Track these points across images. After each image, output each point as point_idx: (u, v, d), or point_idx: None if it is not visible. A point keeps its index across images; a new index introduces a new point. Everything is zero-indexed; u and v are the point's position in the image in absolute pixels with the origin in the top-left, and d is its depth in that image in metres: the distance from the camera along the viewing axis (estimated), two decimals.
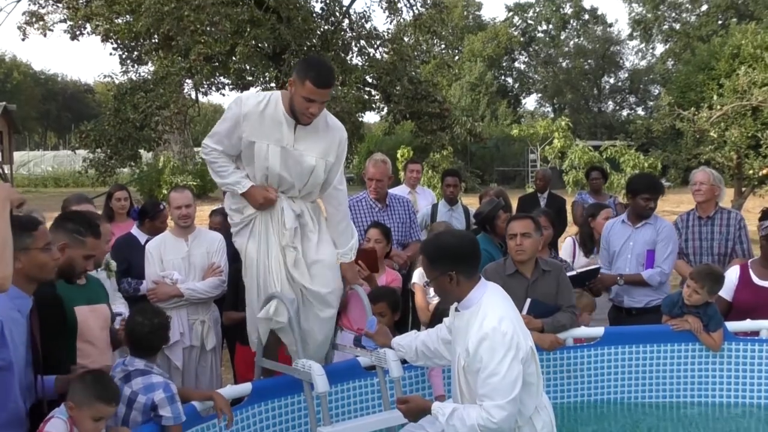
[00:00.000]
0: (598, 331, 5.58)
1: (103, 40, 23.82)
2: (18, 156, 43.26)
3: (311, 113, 4.23)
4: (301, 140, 4.36)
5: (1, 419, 3.38)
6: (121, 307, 5.32)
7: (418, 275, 5.97)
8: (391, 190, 7.39)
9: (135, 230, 6.73)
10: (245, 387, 4.58)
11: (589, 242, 7.10)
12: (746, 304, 5.68)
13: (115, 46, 24.04)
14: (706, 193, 6.49)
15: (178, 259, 5.85)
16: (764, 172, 14.25)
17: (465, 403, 3.61)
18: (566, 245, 7.57)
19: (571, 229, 9.81)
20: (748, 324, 5.50)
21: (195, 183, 26.22)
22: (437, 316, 5.13)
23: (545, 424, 3.68)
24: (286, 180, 4.41)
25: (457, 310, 3.69)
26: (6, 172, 26.56)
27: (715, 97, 17.69)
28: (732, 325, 5.49)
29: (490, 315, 3.48)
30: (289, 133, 4.32)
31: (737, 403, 5.45)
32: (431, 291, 5.80)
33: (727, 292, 5.70)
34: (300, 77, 4.14)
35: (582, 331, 5.54)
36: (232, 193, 4.54)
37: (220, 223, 7.29)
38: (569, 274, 5.75)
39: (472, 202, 9.78)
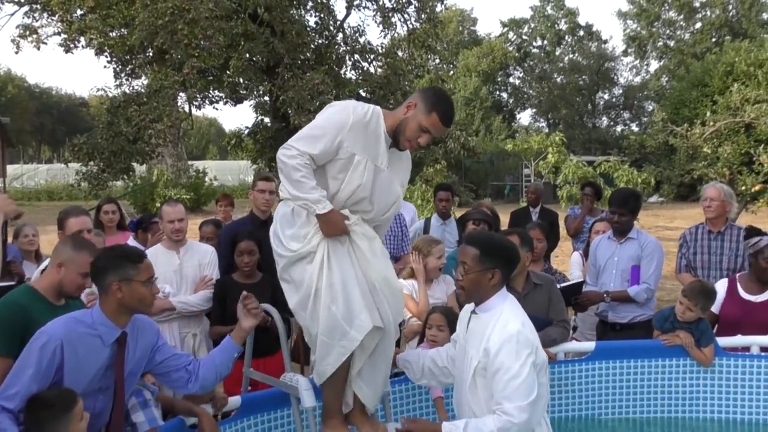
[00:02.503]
0: (590, 345, 5.59)
1: (97, 54, 23.93)
2: (11, 169, 43.28)
3: (418, 143, 3.94)
4: (391, 163, 4.04)
5: None
6: None
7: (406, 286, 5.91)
8: None
9: (132, 242, 6.75)
10: (234, 400, 4.56)
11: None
12: (733, 318, 5.71)
13: (110, 59, 24.14)
14: (716, 209, 6.43)
15: (170, 272, 5.84)
16: (757, 188, 14.29)
17: (471, 410, 3.65)
18: (574, 259, 7.58)
19: (564, 244, 9.82)
20: (739, 339, 5.50)
21: (188, 196, 26.20)
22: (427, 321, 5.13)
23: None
24: (365, 203, 4.00)
25: (474, 312, 3.75)
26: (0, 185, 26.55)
27: (708, 114, 17.77)
28: (723, 341, 5.49)
29: (514, 319, 3.57)
30: (385, 153, 3.97)
31: (728, 419, 5.43)
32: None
33: (714, 304, 5.73)
34: (427, 106, 3.86)
35: (573, 346, 5.56)
36: (306, 210, 3.90)
37: (212, 233, 7.29)
38: (563, 285, 5.81)
39: None
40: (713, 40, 51.69)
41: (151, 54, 18.31)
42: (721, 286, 5.84)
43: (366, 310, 3.83)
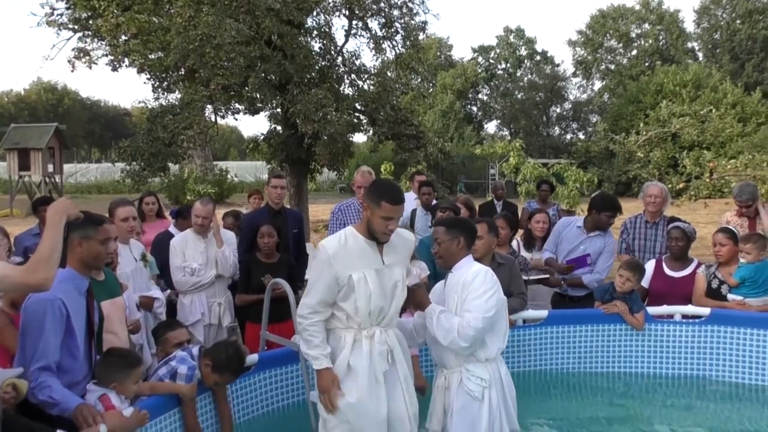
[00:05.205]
0: (543, 313, 5.63)
1: (138, 72, 23.77)
2: (67, 168, 42.85)
3: (390, 230, 3.66)
4: (387, 255, 3.76)
5: (74, 377, 3.41)
6: (157, 292, 5.29)
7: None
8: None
9: (172, 228, 6.86)
10: (253, 357, 4.58)
11: (530, 240, 7.10)
12: (659, 291, 5.79)
13: (149, 77, 23.98)
14: (658, 205, 6.42)
15: (198, 252, 5.95)
16: (681, 186, 14.37)
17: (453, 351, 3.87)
18: (513, 245, 7.59)
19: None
20: (665, 309, 5.57)
21: (213, 191, 26.15)
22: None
23: (506, 374, 4.00)
24: (385, 305, 3.74)
25: (450, 272, 3.99)
26: (57, 180, 26.39)
27: (641, 125, 17.80)
28: (652, 310, 5.56)
29: (482, 267, 3.95)
30: (376, 255, 3.72)
31: (655, 373, 5.51)
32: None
33: (645, 280, 5.79)
34: (375, 201, 3.61)
35: (530, 314, 5.58)
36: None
37: (232, 223, 7.28)
38: (532, 278, 6.15)
39: None
40: (646, 64, 51.67)
41: (183, 73, 18.17)
42: (649, 266, 5.90)
43: None
